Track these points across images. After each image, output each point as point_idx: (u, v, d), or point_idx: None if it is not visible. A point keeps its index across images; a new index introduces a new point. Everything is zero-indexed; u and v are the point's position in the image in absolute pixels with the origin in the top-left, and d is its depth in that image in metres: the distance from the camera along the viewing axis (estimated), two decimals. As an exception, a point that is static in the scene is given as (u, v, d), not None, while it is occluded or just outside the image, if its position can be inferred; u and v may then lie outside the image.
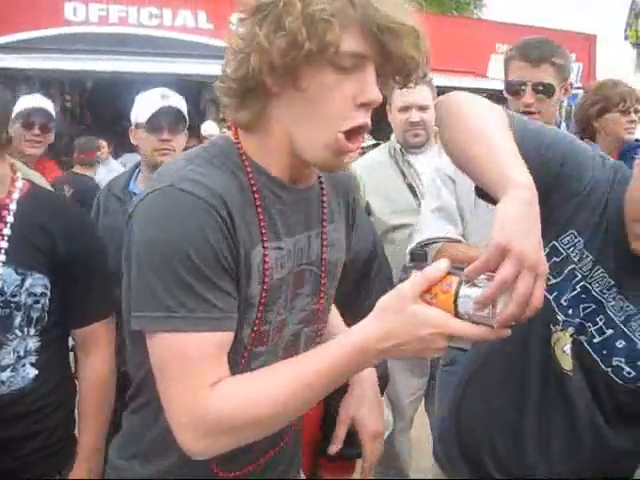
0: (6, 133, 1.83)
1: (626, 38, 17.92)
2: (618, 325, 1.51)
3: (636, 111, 3.55)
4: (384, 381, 2.35)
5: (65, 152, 9.54)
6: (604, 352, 1.52)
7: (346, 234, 1.56)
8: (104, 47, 9.71)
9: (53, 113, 3.77)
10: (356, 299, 1.83)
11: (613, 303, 1.52)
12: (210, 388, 1.19)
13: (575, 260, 1.53)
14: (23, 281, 1.81)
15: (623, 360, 1.50)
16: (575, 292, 1.53)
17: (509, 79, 2.57)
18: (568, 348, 1.55)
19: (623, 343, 1.50)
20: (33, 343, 1.84)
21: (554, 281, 1.53)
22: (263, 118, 1.29)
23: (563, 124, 3.69)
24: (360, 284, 1.89)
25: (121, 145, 8.11)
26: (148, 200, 1.22)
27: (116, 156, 8.50)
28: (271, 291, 1.32)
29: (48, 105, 3.75)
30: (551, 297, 1.53)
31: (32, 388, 1.84)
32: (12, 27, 9.18)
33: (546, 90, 2.50)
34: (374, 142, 4.50)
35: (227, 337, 1.24)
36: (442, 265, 1.19)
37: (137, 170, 3.01)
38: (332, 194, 1.50)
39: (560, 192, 1.51)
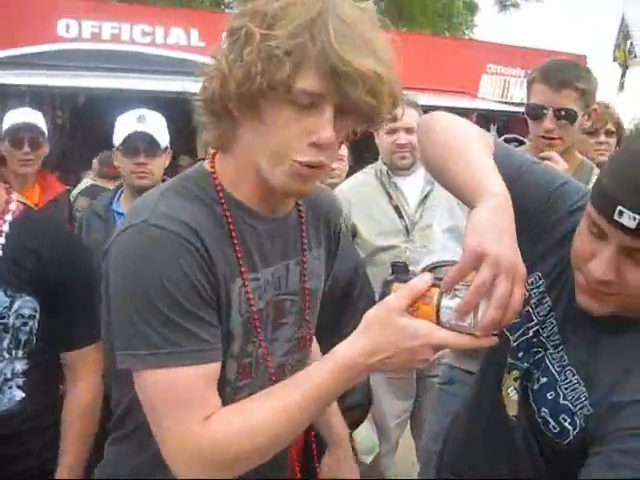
0: None
1: (615, 59, 18.07)
2: (553, 375, 1.44)
3: (608, 132, 3.55)
4: (367, 405, 2.36)
5: (56, 167, 9.53)
6: (537, 401, 1.47)
7: (326, 260, 1.56)
8: (96, 64, 9.73)
9: (43, 126, 3.63)
10: (337, 321, 1.84)
11: (552, 352, 1.45)
12: (203, 422, 1.19)
13: (533, 303, 1.49)
14: (12, 303, 1.81)
15: (548, 412, 1.43)
16: (527, 336, 1.49)
17: (530, 102, 2.51)
18: (513, 392, 1.50)
19: (553, 395, 1.43)
20: (21, 365, 1.84)
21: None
22: (233, 141, 1.31)
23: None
24: (342, 306, 1.90)
25: (112, 162, 8.06)
26: (123, 237, 1.23)
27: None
28: (252, 323, 1.33)
29: (38, 118, 3.62)
30: (508, 335, 1.51)
31: (19, 410, 1.85)
32: (5, 43, 9.18)
33: (568, 116, 2.43)
34: None
35: (215, 368, 1.24)
36: (426, 277, 1.20)
37: (120, 190, 3.03)
38: (312, 221, 1.51)
39: (532, 225, 1.46)
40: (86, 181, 6.88)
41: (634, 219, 1.18)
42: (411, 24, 19.12)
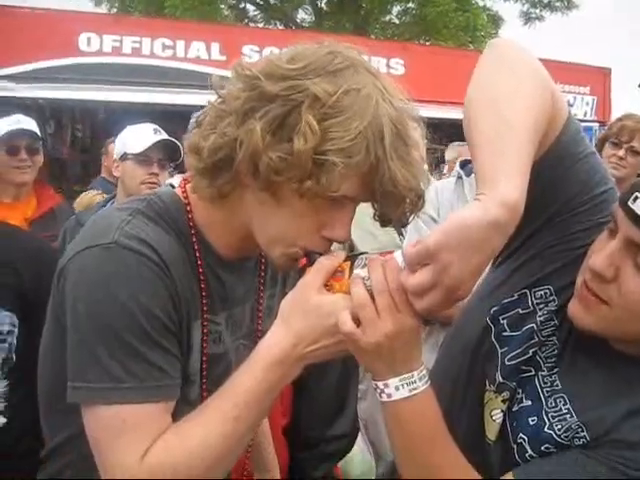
0: None
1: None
2: (540, 398, 1.33)
3: (631, 149, 3.40)
4: (353, 434, 2.30)
5: (76, 180, 9.57)
6: (514, 424, 1.35)
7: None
8: (117, 77, 9.76)
9: (38, 132, 3.46)
10: None
11: (545, 374, 1.34)
12: (143, 455, 1.12)
13: (539, 320, 1.37)
14: None
15: (526, 439, 1.31)
16: (527, 356, 1.36)
17: None
18: (498, 416, 1.37)
19: (535, 420, 1.31)
20: (1, 388, 1.77)
21: (509, 334, 1.39)
22: (229, 199, 1.23)
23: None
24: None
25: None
26: (89, 257, 1.15)
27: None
28: (212, 367, 1.25)
29: (31, 124, 3.45)
30: (500, 351, 1.39)
31: (2, 435, 1.78)
32: (27, 57, 9.24)
33: None
34: None
35: (172, 405, 1.19)
36: (336, 253, 1.17)
37: (111, 202, 3.00)
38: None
39: (556, 224, 1.34)
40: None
41: None
42: (435, 38, 19.07)
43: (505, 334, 1.40)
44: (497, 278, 1.50)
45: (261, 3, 22.10)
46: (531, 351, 1.36)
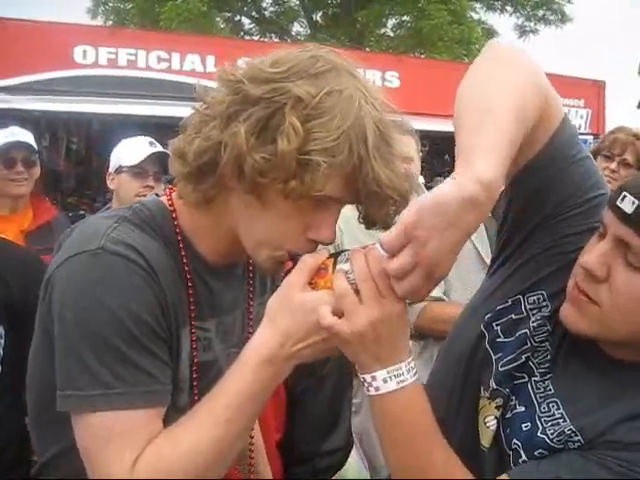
0: None
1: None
2: (533, 404, 1.33)
3: (623, 162, 3.38)
4: (348, 448, 2.30)
5: (70, 192, 9.55)
6: (507, 431, 1.35)
7: None
8: (112, 90, 9.75)
9: (34, 144, 3.45)
10: None
11: (538, 379, 1.34)
12: (135, 463, 1.11)
13: (532, 326, 1.37)
14: None
15: (520, 445, 1.31)
16: (519, 362, 1.37)
17: None
18: (492, 422, 1.37)
19: (528, 426, 1.32)
20: (-12, 399, 1.76)
21: (502, 340, 1.40)
22: (214, 204, 1.23)
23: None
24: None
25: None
26: (76, 264, 1.14)
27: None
28: (202, 376, 1.24)
29: (27, 137, 3.45)
30: (494, 357, 1.39)
31: None
32: (23, 69, 9.23)
33: None
34: None
35: (162, 410, 1.18)
36: (318, 251, 1.17)
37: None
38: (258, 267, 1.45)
39: (549, 227, 1.35)
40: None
41: (633, 203, 1.18)
42: (430, 50, 19.14)
43: (499, 340, 1.40)
44: (492, 285, 1.50)
45: (256, 16, 22.19)
46: (524, 357, 1.37)
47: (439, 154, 11.44)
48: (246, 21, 22.39)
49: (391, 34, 21.55)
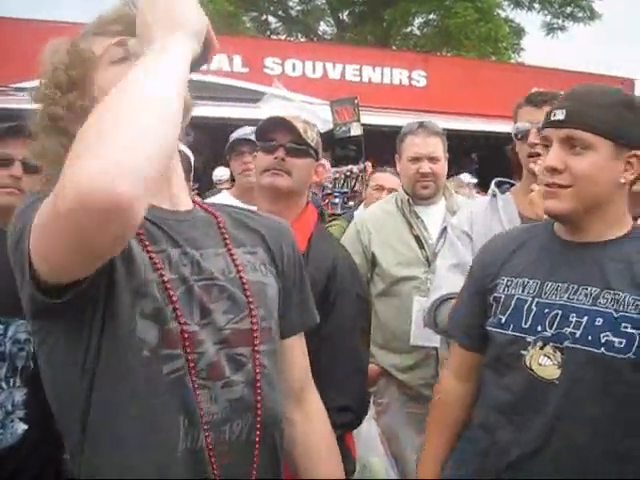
0: None
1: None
2: (585, 308, 1.63)
3: None
4: (359, 410, 2.27)
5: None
6: (589, 338, 1.61)
7: (275, 273, 1.53)
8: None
9: None
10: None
11: (565, 297, 1.67)
12: None
13: (519, 292, 1.74)
14: (6, 329, 1.79)
15: (610, 334, 1.59)
16: (534, 310, 1.70)
17: (516, 124, 2.52)
18: (545, 360, 1.65)
19: (601, 321, 1.60)
20: (20, 396, 1.81)
21: (506, 317, 1.74)
22: None
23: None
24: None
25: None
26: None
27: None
28: (168, 289, 1.28)
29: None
30: (509, 330, 1.73)
31: (22, 443, 1.79)
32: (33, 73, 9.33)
33: None
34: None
35: None
36: None
37: None
38: (239, 227, 1.51)
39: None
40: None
41: (562, 112, 1.69)
42: (456, 49, 19.06)
43: (502, 320, 1.78)
44: None
45: (283, 15, 22.23)
46: (534, 305, 1.73)
47: (466, 153, 11.41)
48: (272, 20, 22.46)
49: (417, 32, 21.41)
